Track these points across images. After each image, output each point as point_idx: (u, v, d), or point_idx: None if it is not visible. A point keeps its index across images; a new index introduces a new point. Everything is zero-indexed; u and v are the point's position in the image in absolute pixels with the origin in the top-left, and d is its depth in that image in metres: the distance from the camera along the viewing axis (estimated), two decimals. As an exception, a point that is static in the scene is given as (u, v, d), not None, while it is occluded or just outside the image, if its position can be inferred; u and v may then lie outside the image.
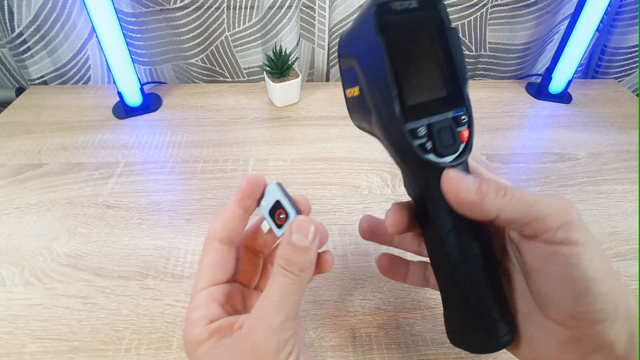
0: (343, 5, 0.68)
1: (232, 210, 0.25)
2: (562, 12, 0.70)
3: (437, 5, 0.22)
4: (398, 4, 0.22)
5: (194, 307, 0.23)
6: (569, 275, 0.21)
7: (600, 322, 0.20)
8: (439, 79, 0.23)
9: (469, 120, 0.24)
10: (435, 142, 0.23)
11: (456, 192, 0.22)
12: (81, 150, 0.55)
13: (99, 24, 0.55)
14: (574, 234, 0.21)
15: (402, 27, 0.22)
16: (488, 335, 0.24)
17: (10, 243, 0.42)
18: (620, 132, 0.60)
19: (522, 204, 0.21)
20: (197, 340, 0.22)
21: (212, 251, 0.24)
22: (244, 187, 0.25)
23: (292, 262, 0.22)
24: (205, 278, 0.24)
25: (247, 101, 0.66)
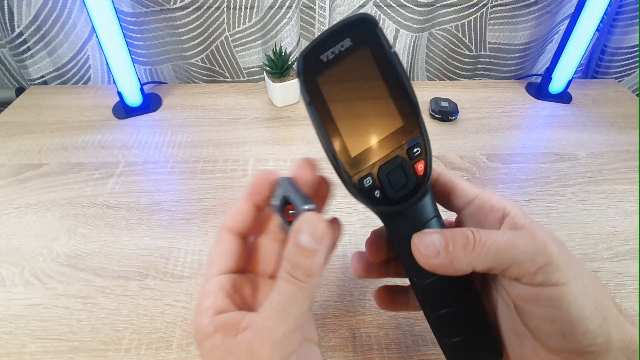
0: (343, 5, 0.68)
1: (241, 203, 0.24)
2: (562, 12, 0.70)
3: (375, 32, 0.21)
4: (329, 53, 0.21)
5: (204, 294, 0.22)
6: (552, 316, 0.20)
7: (592, 353, 0.20)
8: (384, 116, 0.22)
9: (423, 150, 0.23)
10: (385, 188, 0.23)
11: (425, 261, 0.22)
12: (81, 150, 0.55)
13: (99, 24, 0.54)
14: (554, 276, 0.20)
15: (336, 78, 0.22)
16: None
17: (10, 243, 0.42)
18: (620, 132, 0.60)
19: (493, 253, 0.20)
20: (204, 333, 0.21)
21: (222, 240, 0.24)
22: (252, 182, 0.24)
23: (298, 266, 0.20)
24: (215, 266, 0.23)
25: (247, 101, 0.66)
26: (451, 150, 0.56)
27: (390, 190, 0.23)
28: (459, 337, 0.24)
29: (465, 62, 0.75)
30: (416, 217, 0.23)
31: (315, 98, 0.22)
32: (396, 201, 0.23)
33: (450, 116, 0.61)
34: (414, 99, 0.22)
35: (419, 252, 0.22)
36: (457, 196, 0.25)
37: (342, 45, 0.21)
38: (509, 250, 0.20)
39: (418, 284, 0.24)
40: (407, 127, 0.22)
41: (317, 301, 0.37)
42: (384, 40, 0.21)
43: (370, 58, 0.22)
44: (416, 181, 0.23)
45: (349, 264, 0.40)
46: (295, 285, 0.20)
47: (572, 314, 0.20)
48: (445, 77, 0.78)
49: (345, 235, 0.43)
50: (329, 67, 0.21)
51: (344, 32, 0.21)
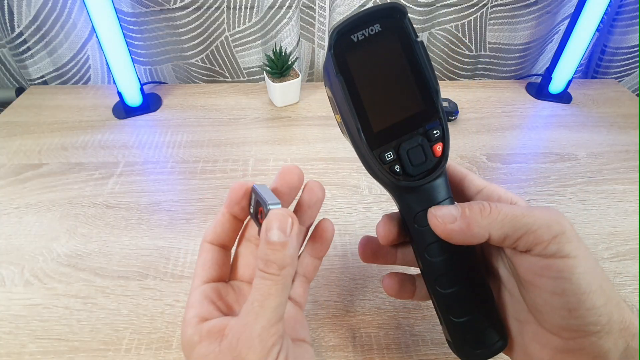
0: (343, 5, 0.68)
1: (222, 215, 0.25)
2: (562, 12, 0.70)
3: (403, 21, 0.23)
4: (359, 34, 0.22)
5: (189, 306, 0.23)
6: (562, 288, 0.20)
7: (595, 333, 0.20)
8: (407, 99, 0.24)
9: (442, 133, 0.24)
10: (405, 163, 0.24)
11: (443, 227, 0.22)
12: (81, 150, 0.55)
13: (99, 24, 0.54)
14: (566, 247, 0.20)
15: (364, 57, 0.23)
16: (476, 344, 0.25)
17: (10, 243, 0.42)
18: (620, 132, 0.60)
19: (510, 218, 0.21)
20: (191, 343, 0.22)
21: (204, 251, 0.25)
22: (231, 193, 0.25)
23: (270, 261, 0.20)
24: (199, 277, 0.24)
25: (247, 101, 0.66)
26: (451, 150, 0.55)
27: (410, 167, 0.24)
28: (466, 317, 0.25)
29: (465, 62, 0.75)
30: (432, 195, 0.24)
31: (343, 71, 0.23)
32: (415, 177, 0.24)
33: (450, 116, 0.61)
34: (436, 86, 0.23)
35: (436, 218, 0.22)
36: (466, 186, 0.26)
37: (372, 29, 0.22)
38: (525, 217, 0.21)
39: (429, 263, 0.25)
40: (427, 111, 0.24)
41: (317, 301, 0.37)
42: (411, 29, 0.23)
43: (397, 44, 0.23)
44: (435, 161, 0.24)
45: (349, 264, 0.40)
46: (269, 280, 0.20)
47: (580, 287, 0.20)
48: (445, 77, 0.78)
49: (345, 235, 0.43)
50: (358, 47, 0.23)
51: (375, 18, 0.22)
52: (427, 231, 0.24)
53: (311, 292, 0.38)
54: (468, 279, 0.25)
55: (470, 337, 0.25)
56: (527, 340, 0.24)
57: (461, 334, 0.25)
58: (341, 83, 0.23)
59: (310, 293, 0.38)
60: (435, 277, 0.25)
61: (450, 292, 0.25)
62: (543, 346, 0.23)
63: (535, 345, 0.23)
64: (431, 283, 0.26)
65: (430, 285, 0.26)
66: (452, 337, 0.26)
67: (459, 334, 0.25)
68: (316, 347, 0.34)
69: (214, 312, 0.23)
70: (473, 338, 0.25)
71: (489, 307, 0.25)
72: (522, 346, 0.24)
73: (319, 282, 0.39)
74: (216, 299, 0.24)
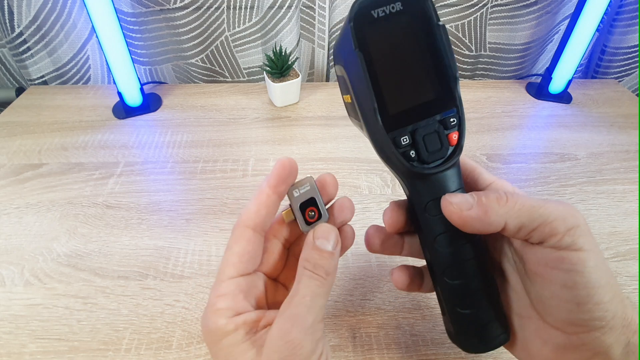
0: (343, 5, 0.68)
1: (267, 196, 0.24)
2: (562, 12, 0.70)
3: (426, 2, 0.22)
4: (380, 11, 0.21)
5: (220, 295, 0.22)
6: (573, 281, 0.20)
7: (599, 329, 0.20)
8: (425, 83, 0.23)
9: (458, 122, 0.23)
10: (420, 149, 0.23)
11: (459, 213, 0.22)
12: (81, 150, 0.55)
13: (99, 24, 0.54)
14: (580, 240, 0.20)
15: (384, 35, 0.22)
16: (479, 336, 0.24)
17: (10, 243, 0.42)
18: (620, 132, 0.60)
19: (527, 208, 0.21)
20: (222, 331, 0.21)
21: (244, 239, 0.23)
22: (281, 170, 0.24)
23: (319, 266, 0.22)
24: (234, 267, 0.23)
25: (247, 101, 0.66)
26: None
27: (425, 153, 0.23)
28: (472, 309, 0.24)
29: (465, 62, 0.75)
30: (445, 184, 0.24)
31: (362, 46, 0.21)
32: (429, 165, 0.23)
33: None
34: (455, 72, 0.22)
35: (452, 205, 0.22)
36: (474, 180, 0.26)
37: (394, 7, 0.21)
38: (541, 208, 0.21)
39: (438, 253, 0.24)
40: (445, 98, 0.23)
41: (317, 301, 0.37)
42: (432, 12, 0.22)
43: (418, 26, 0.22)
44: (450, 149, 0.23)
45: (349, 264, 0.40)
46: (318, 281, 0.22)
47: (591, 281, 0.20)
48: (445, 77, 0.78)
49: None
50: (378, 24, 0.22)
51: None
52: (437, 221, 0.23)
53: (311, 292, 0.38)
54: (476, 271, 0.24)
55: (474, 328, 0.25)
56: (528, 335, 0.24)
57: (465, 326, 0.25)
58: (360, 58, 0.21)
59: (310, 293, 0.38)
60: (443, 268, 0.25)
61: (457, 284, 0.24)
62: (544, 342, 0.23)
63: (537, 341, 0.23)
64: (439, 274, 0.25)
65: (437, 276, 0.25)
66: (455, 327, 0.26)
67: (462, 325, 0.25)
68: (316, 347, 0.34)
69: (248, 307, 0.23)
70: (476, 330, 0.25)
71: (494, 300, 0.25)
72: (523, 342, 0.24)
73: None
74: (249, 293, 0.23)
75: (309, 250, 0.23)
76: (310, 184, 0.25)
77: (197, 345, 0.34)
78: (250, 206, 0.24)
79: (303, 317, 0.21)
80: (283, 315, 0.21)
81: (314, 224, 0.24)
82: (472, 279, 0.24)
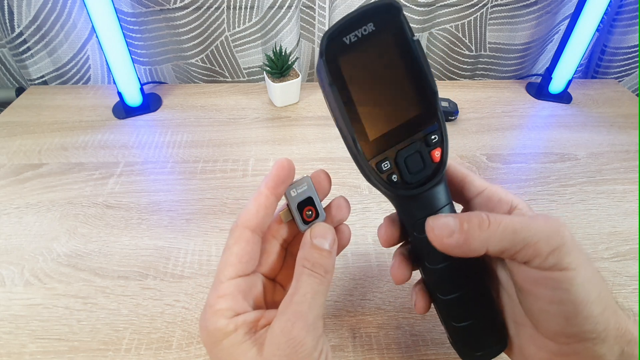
0: (343, 5, 0.68)
1: (266, 197, 0.24)
2: (562, 12, 0.70)
3: (398, 18, 0.21)
4: (351, 36, 0.21)
5: (219, 296, 0.22)
6: (559, 298, 0.20)
7: (590, 340, 0.21)
8: (404, 103, 0.23)
9: (440, 137, 0.23)
10: (402, 172, 0.23)
11: (440, 240, 0.22)
12: (81, 150, 0.55)
13: (99, 24, 0.54)
14: (565, 259, 0.20)
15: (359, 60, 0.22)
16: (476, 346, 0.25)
17: (10, 243, 0.42)
18: (620, 132, 0.60)
19: (508, 232, 0.21)
20: (222, 332, 0.21)
21: (243, 240, 0.23)
22: (279, 171, 0.24)
23: (318, 264, 0.23)
24: (234, 268, 0.23)
25: (247, 101, 0.66)
26: (451, 150, 0.56)
27: (408, 175, 0.23)
28: (467, 322, 0.25)
29: (465, 62, 0.75)
30: (431, 202, 0.24)
31: (336, 79, 0.22)
32: (413, 186, 0.23)
33: (450, 116, 0.61)
34: (434, 87, 0.22)
35: (433, 232, 0.22)
36: (466, 187, 0.26)
37: (366, 29, 0.21)
38: (524, 230, 0.20)
39: (429, 269, 0.25)
40: (425, 114, 0.23)
41: (317, 301, 0.37)
42: (406, 27, 0.21)
43: (392, 44, 0.22)
44: (433, 167, 0.23)
45: (349, 264, 0.40)
46: (317, 279, 0.22)
47: (578, 297, 0.20)
48: (445, 77, 0.78)
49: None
50: (351, 50, 0.21)
51: (368, 16, 0.21)
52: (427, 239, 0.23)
53: (311, 292, 0.38)
54: (469, 285, 0.24)
55: (471, 340, 0.25)
56: (524, 341, 0.24)
57: (462, 338, 0.25)
58: (334, 93, 0.22)
59: (310, 293, 0.38)
60: (435, 284, 0.25)
61: (450, 299, 0.25)
62: (539, 348, 0.23)
63: (532, 347, 0.23)
64: (431, 289, 0.26)
65: (430, 291, 0.26)
66: (452, 339, 0.26)
67: (459, 338, 0.26)
68: (316, 347, 0.34)
69: (247, 307, 0.23)
70: (473, 341, 0.25)
71: (489, 311, 0.25)
72: (520, 347, 0.24)
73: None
74: (248, 293, 0.23)
75: (307, 249, 0.23)
76: (307, 184, 0.25)
77: (197, 345, 0.34)
78: (249, 207, 0.24)
79: (305, 315, 0.21)
80: (284, 313, 0.21)
81: (312, 223, 0.25)
82: (465, 293, 0.24)
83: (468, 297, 0.24)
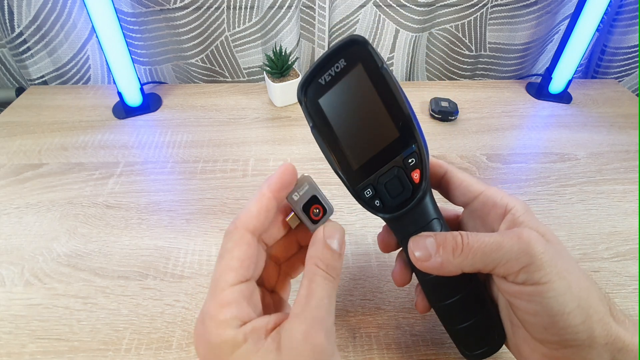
0: (343, 5, 0.68)
1: (268, 199, 0.22)
2: (562, 12, 0.70)
3: (366, 50, 0.23)
4: (325, 76, 0.23)
5: (223, 304, 0.20)
6: (534, 310, 0.22)
7: (575, 347, 0.21)
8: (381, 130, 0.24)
9: (419, 159, 0.24)
10: (383, 197, 0.25)
11: (420, 263, 0.24)
12: (81, 150, 0.55)
13: (99, 24, 0.54)
14: (535, 275, 0.21)
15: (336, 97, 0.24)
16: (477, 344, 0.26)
17: (10, 243, 0.42)
18: (620, 132, 0.60)
19: (479, 256, 0.22)
20: (231, 344, 0.20)
21: (244, 244, 0.22)
22: (284, 176, 0.23)
23: (332, 266, 0.22)
24: (236, 273, 0.21)
25: (247, 101, 0.66)
26: (451, 150, 0.56)
27: (388, 199, 0.25)
28: (466, 323, 0.26)
29: (465, 62, 0.75)
30: (415, 220, 0.25)
31: (318, 120, 0.24)
32: (394, 208, 0.25)
33: (450, 116, 0.61)
34: (407, 111, 0.23)
35: (414, 255, 0.24)
36: (462, 193, 0.27)
37: (338, 66, 0.23)
38: (493, 252, 0.22)
39: (423, 279, 0.26)
40: (403, 137, 0.24)
41: (317, 301, 0.37)
42: (375, 57, 0.23)
43: (364, 75, 0.23)
44: (412, 189, 0.24)
45: (350, 264, 0.40)
46: (332, 282, 0.22)
47: (552, 309, 0.21)
48: (445, 77, 0.78)
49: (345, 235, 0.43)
50: (328, 88, 0.23)
51: (338, 54, 0.23)
52: None
53: (311, 292, 0.38)
54: (461, 291, 0.25)
55: (472, 340, 0.26)
56: (519, 341, 0.25)
57: (463, 338, 0.27)
58: (316, 135, 0.24)
59: (310, 293, 0.38)
60: (431, 291, 0.27)
61: (448, 304, 0.26)
62: (532, 350, 0.24)
63: (527, 348, 0.24)
64: (429, 296, 0.27)
65: (428, 298, 0.27)
66: (454, 340, 0.27)
67: (460, 339, 0.27)
68: (316, 347, 0.34)
69: (253, 314, 0.21)
70: (474, 341, 0.26)
71: (485, 311, 0.26)
72: (516, 346, 0.25)
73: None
74: (251, 300, 0.22)
75: (320, 248, 0.22)
76: (309, 183, 0.24)
77: (197, 345, 0.34)
78: (250, 209, 0.22)
79: (325, 320, 0.21)
80: (303, 317, 0.20)
81: (321, 221, 0.24)
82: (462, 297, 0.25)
83: (463, 300, 0.25)
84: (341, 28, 0.70)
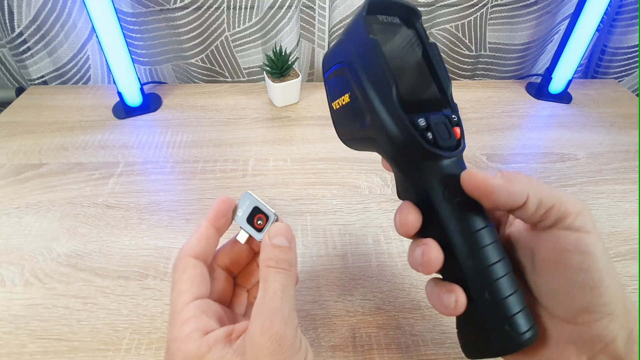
0: (343, 5, 0.68)
1: (206, 228, 0.26)
2: (562, 12, 0.70)
3: (416, 23, 0.25)
4: (383, 17, 0.24)
5: (183, 322, 0.22)
6: (587, 264, 0.21)
7: (607, 315, 0.21)
8: (428, 83, 0.25)
9: (458, 119, 0.25)
10: (435, 133, 0.23)
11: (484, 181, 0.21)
12: (81, 150, 0.55)
13: (99, 24, 0.54)
14: (588, 224, 0.21)
15: (389, 34, 0.24)
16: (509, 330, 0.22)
17: (10, 243, 0.42)
18: (620, 132, 0.60)
19: (543, 186, 0.22)
20: (197, 355, 0.21)
21: (190, 267, 0.25)
22: (219, 206, 0.26)
23: (282, 259, 0.23)
24: (189, 292, 0.24)
25: (247, 101, 0.66)
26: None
27: (440, 138, 0.23)
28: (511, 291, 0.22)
29: (465, 62, 0.75)
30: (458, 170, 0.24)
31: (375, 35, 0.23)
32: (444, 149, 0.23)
33: (450, 116, 0.61)
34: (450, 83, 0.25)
35: (477, 175, 0.22)
36: None
37: (393, 19, 0.25)
38: (553, 189, 0.22)
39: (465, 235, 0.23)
40: (444, 100, 0.25)
41: (316, 301, 0.37)
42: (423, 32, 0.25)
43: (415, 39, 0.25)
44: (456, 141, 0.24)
45: (349, 264, 0.40)
46: (284, 273, 0.23)
47: (601, 264, 0.21)
48: (445, 77, 0.78)
49: (345, 235, 0.43)
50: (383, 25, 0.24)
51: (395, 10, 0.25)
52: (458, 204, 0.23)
53: (311, 292, 0.38)
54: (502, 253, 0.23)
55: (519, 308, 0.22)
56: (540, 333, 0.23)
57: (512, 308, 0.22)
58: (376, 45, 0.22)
59: (310, 293, 0.38)
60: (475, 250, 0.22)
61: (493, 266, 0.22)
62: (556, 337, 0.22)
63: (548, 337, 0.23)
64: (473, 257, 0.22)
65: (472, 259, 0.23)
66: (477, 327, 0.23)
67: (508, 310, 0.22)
68: (316, 347, 0.34)
69: (214, 324, 0.23)
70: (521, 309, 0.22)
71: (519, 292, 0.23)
72: None
73: (319, 282, 0.39)
74: (210, 313, 0.24)
75: (268, 249, 0.24)
76: (249, 198, 0.26)
77: (197, 345, 0.34)
78: (191, 239, 0.26)
79: (280, 309, 0.21)
80: (259, 315, 0.21)
81: (265, 228, 0.26)
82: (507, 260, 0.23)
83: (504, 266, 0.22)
84: (341, 28, 0.70)
